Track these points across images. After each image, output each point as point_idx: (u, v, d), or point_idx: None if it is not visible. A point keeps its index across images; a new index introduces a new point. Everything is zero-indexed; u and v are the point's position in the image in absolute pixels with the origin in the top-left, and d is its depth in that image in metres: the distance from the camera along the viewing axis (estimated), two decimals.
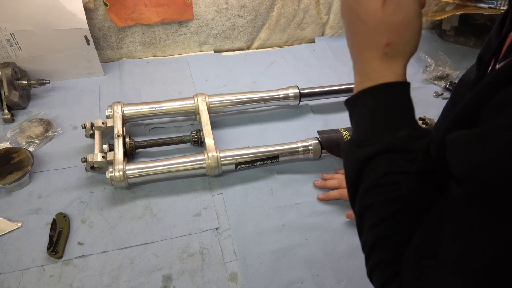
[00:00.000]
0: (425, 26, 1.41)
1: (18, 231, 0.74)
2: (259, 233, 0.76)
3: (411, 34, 0.39)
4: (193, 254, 0.73)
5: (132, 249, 0.73)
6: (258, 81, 1.14)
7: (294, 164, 0.90)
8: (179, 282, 0.69)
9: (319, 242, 0.76)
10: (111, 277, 0.69)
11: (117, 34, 1.12)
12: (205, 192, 0.83)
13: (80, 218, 0.77)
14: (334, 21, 1.29)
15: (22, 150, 0.84)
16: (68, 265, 0.70)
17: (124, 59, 1.18)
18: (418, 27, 0.39)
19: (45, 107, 1.00)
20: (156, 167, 0.80)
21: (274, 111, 1.04)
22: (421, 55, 1.24)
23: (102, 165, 0.81)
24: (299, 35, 1.32)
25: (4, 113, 0.94)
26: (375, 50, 0.41)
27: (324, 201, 0.83)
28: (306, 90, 1.00)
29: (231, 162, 0.83)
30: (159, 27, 1.14)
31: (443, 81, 1.16)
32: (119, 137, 0.84)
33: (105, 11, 1.06)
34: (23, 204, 0.79)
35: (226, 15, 1.17)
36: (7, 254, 0.71)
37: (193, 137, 0.90)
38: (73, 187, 0.82)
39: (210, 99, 0.94)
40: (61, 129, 0.94)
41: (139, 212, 0.79)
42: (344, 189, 0.82)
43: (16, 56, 0.99)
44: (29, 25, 0.95)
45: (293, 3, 1.21)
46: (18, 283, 0.67)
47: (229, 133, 0.97)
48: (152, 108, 0.91)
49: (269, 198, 0.83)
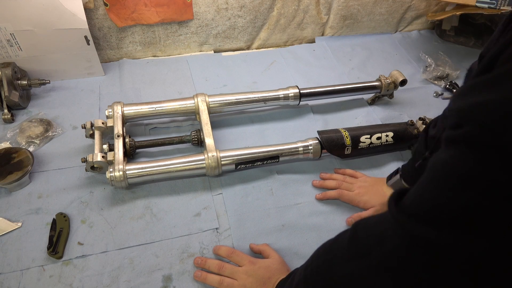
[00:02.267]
0: (425, 26, 1.41)
1: (18, 231, 0.74)
2: (259, 233, 0.76)
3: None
4: (193, 254, 0.73)
5: (132, 249, 0.73)
6: (258, 81, 1.14)
7: (294, 164, 0.90)
8: (179, 282, 0.69)
9: (319, 242, 0.75)
10: (111, 277, 0.69)
11: (117, 34, 1.12)
12: (205, 192, 0.83)
13: (80, 218, 0.77)
14: (334, 21, 1.29)
15: (22, 150, 0.84)
16: (68, 265, 0.70)
17: (124, 59, 1.18)
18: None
19: (45, 107, 1.00)
20: (156, 167, 0.80)
21: (274, 111, 1.04)
22: (421, 55, 1.24)
23: (102, 165, 0.81)
24: (299, 35, 1.32)
25: (4, 113, 0.94)
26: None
27: (324, 201, 0.83)
28: (306, 90, 1.00)
29: (231, 162, 0.83)
30: (159, 27, 1.14)
31: (443, 81, 1.16)
32: (119, 137, 0.84)
33: (105, 11, 1.06)
34: (23, 204, 0.79)
35: (226, 15, 1.17)
36: (7, 254, 0.71)
37: (193, 137, 0.90)
38: (73, 187, 0.82)
39: (210, 99, 0.94)
40: (61, 129, 0.94)
41: (139, 212, 0.79)
42: (342, 190, 0.82)
43: (16, 56, 0.99)
44: (29, 25, 0.95)
45: (293, 3, 1.21)
46: (18, 283, 0.67)
47: (229, 133, 0.97)
48: (152, 108, 0.91)
49: (269, 198, 0.83)
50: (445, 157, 0.36)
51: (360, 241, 0.44)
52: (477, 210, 0.33)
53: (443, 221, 0.35)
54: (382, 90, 1.04)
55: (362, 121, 1.03)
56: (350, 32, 1.35)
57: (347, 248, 0.46)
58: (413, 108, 1.08)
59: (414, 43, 1.35)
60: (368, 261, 0.42)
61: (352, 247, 0.45)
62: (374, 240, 0.42)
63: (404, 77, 1.03)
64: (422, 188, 0.38)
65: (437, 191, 0.36)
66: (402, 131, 0.92)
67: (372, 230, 0.43)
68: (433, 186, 0.37)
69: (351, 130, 0.90)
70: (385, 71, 1.10)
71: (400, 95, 1.11)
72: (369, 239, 0.43)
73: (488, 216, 0.32)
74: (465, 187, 0.33)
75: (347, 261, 0.45)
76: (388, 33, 1.39)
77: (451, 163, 0.35)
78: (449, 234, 0.34)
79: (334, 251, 0.49)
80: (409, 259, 0.38)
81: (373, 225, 0.44)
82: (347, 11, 1.27)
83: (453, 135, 0.35)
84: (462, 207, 0.34)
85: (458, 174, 0.34)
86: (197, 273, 0.69)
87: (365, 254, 0.42)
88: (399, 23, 1.38)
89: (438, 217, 0.35)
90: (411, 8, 1.33)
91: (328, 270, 0.48)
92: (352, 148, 0.88)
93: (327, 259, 0.49)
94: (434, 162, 0.38)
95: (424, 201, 0.37)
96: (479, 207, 0.33)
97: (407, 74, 1.08)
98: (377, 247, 0.41)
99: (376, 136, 0.89)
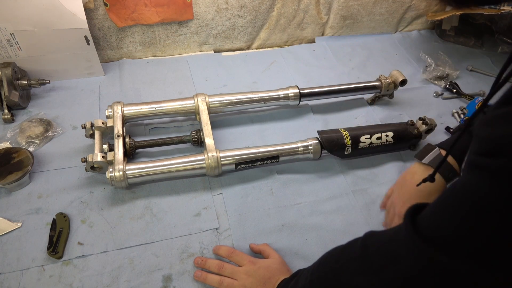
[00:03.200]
0: (425, 26, 1.41)
1: (18, 231, 0.74)
2: (259, 233, 0.76)
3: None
4: (193, 254, 0.73)
5: (132, 249, 0.73)
6: (258, 81, 1.14)
7: (294, 164, 0.90)
8: (179, 282, 0.69)
9: (319, 242, 0.76)
10: (111, 277, 0.69)
11: (117, 34, 1.12)
12: (205, 192, 0.83)
13: (80, 218, 0.77)
14: (334, 21, 1.29)
15: (22, 150, 0.84)
16: (68, 265, 0.70)
17: (124, 59, 1.18)
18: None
19: (45, 107, 1.00)
20: (156, 167, 0.80)
21: (274, 111, 1.04)
22: (421, 55, 1.24)
23: (102, 165, 0.81)
24: (299, 35, 1.32)
25: (4, 113, 0.94)
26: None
27: (324, 201, 0.83)
28: (306, 90, 1.00)
29: (231, 162, 0.83)
30: (159, 27, 1.14)
31: (443, 81, 1.16)
32: (119, 137, 0.84)
33: (105, 11, 1.06)
34: (23, 204, 0.79)
35: (226, 15, 1.17)
36: (7, 254, 0.71)
37: (193, 137, 0.90)
38: (73, 187, 0.82)
39: (210, 99, 0.94)
40: (61, 129, 0.94)
41: (139, 212, 0.79)
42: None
43: (16, 56, 0.99)
44: (29, 25, 0.95)
45: (293, 3, 1.21)
46: (18, 283, 0.67)
47: (229, 133, 0.97)
48: (152, 108, 0.91)
49: (269, 198, 0.83)
50: (469, 182, 0.35)
51: (371, 257, 0.44)
52: (497, 243, 0.32)
53: (461, 250, 0.34)
54: (382, 90, 1.04)
55: (362, 121, 1.03)
56: (350, 32, 1.35)
57: (357, 261, 0.45)
58: (413, 108, 1.08)
59: (414, 43, 1.35)
60: (378, 278, 0.42)
61: (363, 261, 0.45)
62: (387, 258, 0.42)
63: (404, 77, 1.03)
64: (441, 211, 0.38)
65: (457, 217, 0.35)
66: (402, 131, 0.92)
67: (385, 248, 0.43)
68: (452, 210, 0.36)
69: (351, 130, 0.90)
70: (385, 71, 1.10)
71: (400, 95, 1.11)
72: (380, 255, 0.43)
73: (507, 250, 0.32)
74: (487, 218, 0.32)
75: (356, 274, 0.45)
76: (388, 33, 1.39)
77: (476, 191, 0.34)
78: (465, 264, 0.34)
79: (343, 261, 0.48)
80: (421, 282, 0.38)
81: (386, 242, 0.43)
82: (347, 11, 1.27)
83: (481, 162, 0.34)
84: (481, 238, 0.33)
85: (481, 203, 0.33)
86: (197, 273, 0.69)
87: (376, 272, 0.42)
88: (399, 23, 1.38)
89: (456, 245, 0.35)
90: (411, 8, 1.33)
91: (335, 279, 0.48)
92: (352, 148, 0.88)
93: (335, 268, 0.49)
94: (456, 186, 0.37)
95: (443, 226, 0.36)
96: (499, 240, 0.32)
97: (407, 74, 1.08)
98: (390, 266, 0.41)
99: (376, 136, 0.89)
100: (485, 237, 0.33)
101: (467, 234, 0.34)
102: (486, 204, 0.33)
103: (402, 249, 0.40)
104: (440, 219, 0.37)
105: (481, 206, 0.33)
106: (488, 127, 0.34)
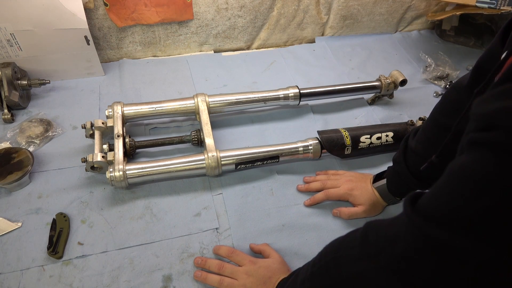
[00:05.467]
0: (425, 26, 1.41)
1: (18, 231, 0.74)
2: (259, 233, 0.76)
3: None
4: (193, 254, 0.73)
5: (132, 249, 0.73)
6: (258, 81, 1.14)
7: (294, 164, 0.90)
8: (179, 282, 0.69)
9: (319, 242, 0.76)
10: (111, 277, 0.69)
11: (117, 34, 1.12)
12: (205, 192, 0.83)
13: (80, 218, 0.77)
14: (334, 21, 1.29)
15: (22, 150, 0.84)
16: (68, 265, 0.70)
17: (124, 59, 1.18)
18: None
19: (45, 107, 1.00)
20: (156, 167, 0.80)
21: (274, 111, 1.04)
22: (421, 55, 1.24)
23: (102, 165, 0.81)
24: (299, 35, 1.32)
25: (4, 113, 0.94)
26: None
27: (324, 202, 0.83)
28: (306, 90, 1.00)
29: (231, 162, 0.83)
30: (159, 27, 1.14)
31: (443, 81, 1.16)
32: (119, 137, 0.84)
33: (105, 11, 1.06)
34: (23, 204, 0.79)
35: (226, 15, 1.17)
36: (7, 254, 0.71)
37: (193, 137, 0.90)
38: (73, 187, 0.82)
39: (210, 99, 0.94)
40: (61, 129, 0.94)
41: (139, 212, 0.79)
42: (329, 190, 0.81)
43: (16, 56, 0.99)
44: (29, 25, 0.95)
45: (293, 3, 1.21)
46: (18, 283, 0.67)
47: (229, 133, 0.97)
48: (152, 108, 0.91)
49: (269, 198, 0.83)
50: (466, 160, 0.35)
51: (370, 242, 0.44)
52: (493, 218, 0.32)
53: (459, 225, 0.34)
54: (382, 90, 1.04)
55: (362, 121, 1.03)
56: (350, 32, 1.35)
57: (357, 247, 0.46)
58: (413, 108, 1.08)
59: (414, 43, 1.35)
60: (377, 261, 0.42)
61: (362, 247, 0.45)
62: (386, 241, 0.42)
63: (404, 77, 1.03)
64: (439, 191, 0.38)
65: (454, 194, 0.35)
66: (402, 131, 0.92)
67: (384, 231, 0.43)
68: (450, 188, 0.36)
69: (351, 130, 0.90)
70: (385, 71, 1.10)
71: (400, 95, 1.11)
72: (380, 240, 0.43)
73: (502, 224, 0.32)
74: (483, 192, 0.33)
75: (356, 261, 0.45)
76: (388, 33, 1.39)
77: (472, 167, 0.34)
78: (462, 238, 0.34)
79: (344, 249, 0.49)
80: (419, 261, 0.38)
81: (385, 227, 0.44)
82: (347, 11, 1.27)
83: (477, 137, 0.34)
84: (478, 213, 0.33)
85: (477, 178, 0.33)
86: (197, 273, 0.69)
87: (375, 255, 0.42)
88: (399, 23, 1.38)
89: (454, 220, 0.35)
90: (411, 8, 1.33)
91: (336, 267, 0.48)
92: (352, 148, 0.88)
93: (336, 257, 0.49)
94: (454, 165, 0.37)
95: (441, 204, 0.37)
96: (495, 214, 0.32)
97: (407, 74, 1.08)
98: (388, 248, 0.41)
99: (376, 136, 0.89)
100: (485, 211, 0.32)
101: (467, 209, 0.34)
102: (484, 177, 0.33)
103: (401, 230, 0.40)
104: (439, 197, 0.37)
105: (480, 180, 0.33)
106: (484, 104, 0.34)
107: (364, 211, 0.78)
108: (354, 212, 0.79)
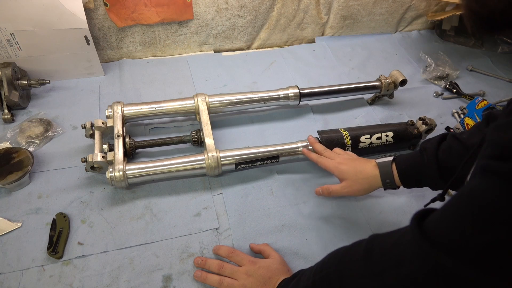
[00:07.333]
0: (425, 26, 1.41)
1: (18, 231, 0.74)
2: (259, 233, 0.76)
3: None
4: (193, 254, 0.73)
5: (132, 249, 0.73)
6: (258, 81, 1.14)
7: (294, 164, 0.90)
8: (179, 282, 0.69)
9: (319, 242, 0.76)
10: (111, 277, 0.69)
11: (117, 34, 1.12)
12: (205, 192, 0.83)
13: (80, 218, 0.77)
14: (334, 21, 1.29)
15: (22, 150, 0.84)
16: (68, 265, 0.70)
17: (124, 59, 1.18)
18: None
19: (45, 107, 1.00)
20: (156, 167, 0.80)
21: (274, 111, 1.04)
22: (421, 55, 1.24)
23: (102, 165, 0.81)
24: (299, 35, 1.32)
25: (4, 113, 0.94)
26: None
27: (324, 201, 0.82)
28: (306, 90, 1.00)
29: (231, 162, 0.83)
30: (159, 27, 1.14)
31: (443, 81, 1.16)
32: (119, 137, 0.84)
33: (105, 11, 1.06)
34: (23, 204, 0.79)
35: (226, 15, 1.17)
36: (7, 254, 0.71)
37: (193, 137, 0.90)
38: (73, 187, 0.82)
39: (210, 99, 0.94)
40: (61, 129, 0.94)
41: (139, 212, 0.79)
42: (322, 157, 0.79)
43: (16, 56, 0.99)
44: (29, 25, 0.95)
45: (293, 3, 1.21)
46: (18, 283, 0.67)
47: (229, 133, 0.97)
48: (152, 108, 0.91)
49: (269, 198, 0.83)
50: (477, 186, 0.35)
51: (375, 259, 0.44)
52: (500, 250, 0.32)
53: (466, 256, 0.34)
54: (382, 90, 1.04)
55: (362, 121, 1.03)
56: (350, 32, 1.35)
57: (360, 264, 0.45)
58: (413, 108, 1.08)
59: (414, 43, 1.35)
60: (381, 280, 0.42)
61: (366, 263, 0.45)
62: (391, 261, 0.42)
63: (404, 77, 1.03)
64: (448, 214, 0.37)
65: (465, 221, 0.35)
66: (402, 131, 0.92)
67: (390, 250, 0.43)
68: (459, 214, 0.36)
69: (351, 130, 0.90)
70: (385, 71, 1.10)
71: (400, 95, 1.11)
72: (385, 258, 0.43)
73: (510, 256, 0.32)
74: (491, 222, 0.32)
75: (359, 277, 0.45)
76: (388, 33, 1.39)
77: (482, 195, 0.34)
78: (470, 270, 0.34)
79: (347, 263, 0.48)
80: (425, 285, 0.37)
81: (391, 246, 0.43)
82: (347, 11, 1.27)
83: (490, 165, 0.34)
84: (487, 244, 0.33)
85: (486, 207, 0.33)
86: (197, 273, 0.69)
87: (379, 274, 0.42)
88: (399, 23, 1.38)
89: (462, 250, 0.34)
90: (411, 8, 1.33)
91: (338, 281, 0.48)
92: (352, 148, 0.88)
93: (339, 270, 0.49)
94: (465, 189, 0.37)
95: (449, 229, 0.36)
96: (503, 247, 0.32)
97: (407, 74, 1.08)
98: (393, 268, 0.41)
99: (376, 136, 0.89)
100: (493, 242, 0.32)
101: (474, 238, 0.33)
102: (495, 208, 0.33)
103: (407, 251, 0.40)
104: (447, 222, 0.37)
105: (490, 210, 0.33)
106: (500, 132, 0.34)
107: (344, 186, 0.73)
108: (333, 189, 0.75)
